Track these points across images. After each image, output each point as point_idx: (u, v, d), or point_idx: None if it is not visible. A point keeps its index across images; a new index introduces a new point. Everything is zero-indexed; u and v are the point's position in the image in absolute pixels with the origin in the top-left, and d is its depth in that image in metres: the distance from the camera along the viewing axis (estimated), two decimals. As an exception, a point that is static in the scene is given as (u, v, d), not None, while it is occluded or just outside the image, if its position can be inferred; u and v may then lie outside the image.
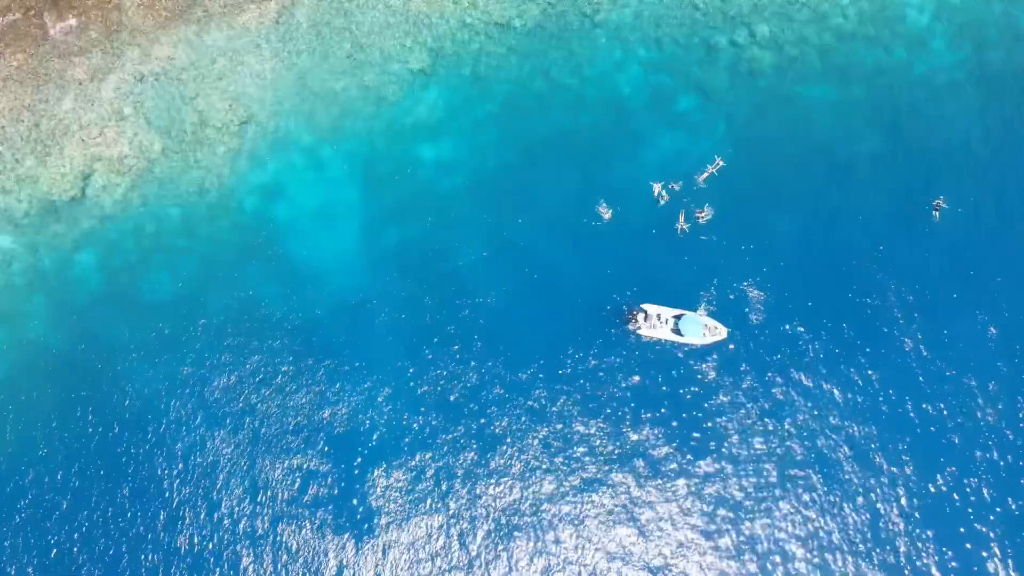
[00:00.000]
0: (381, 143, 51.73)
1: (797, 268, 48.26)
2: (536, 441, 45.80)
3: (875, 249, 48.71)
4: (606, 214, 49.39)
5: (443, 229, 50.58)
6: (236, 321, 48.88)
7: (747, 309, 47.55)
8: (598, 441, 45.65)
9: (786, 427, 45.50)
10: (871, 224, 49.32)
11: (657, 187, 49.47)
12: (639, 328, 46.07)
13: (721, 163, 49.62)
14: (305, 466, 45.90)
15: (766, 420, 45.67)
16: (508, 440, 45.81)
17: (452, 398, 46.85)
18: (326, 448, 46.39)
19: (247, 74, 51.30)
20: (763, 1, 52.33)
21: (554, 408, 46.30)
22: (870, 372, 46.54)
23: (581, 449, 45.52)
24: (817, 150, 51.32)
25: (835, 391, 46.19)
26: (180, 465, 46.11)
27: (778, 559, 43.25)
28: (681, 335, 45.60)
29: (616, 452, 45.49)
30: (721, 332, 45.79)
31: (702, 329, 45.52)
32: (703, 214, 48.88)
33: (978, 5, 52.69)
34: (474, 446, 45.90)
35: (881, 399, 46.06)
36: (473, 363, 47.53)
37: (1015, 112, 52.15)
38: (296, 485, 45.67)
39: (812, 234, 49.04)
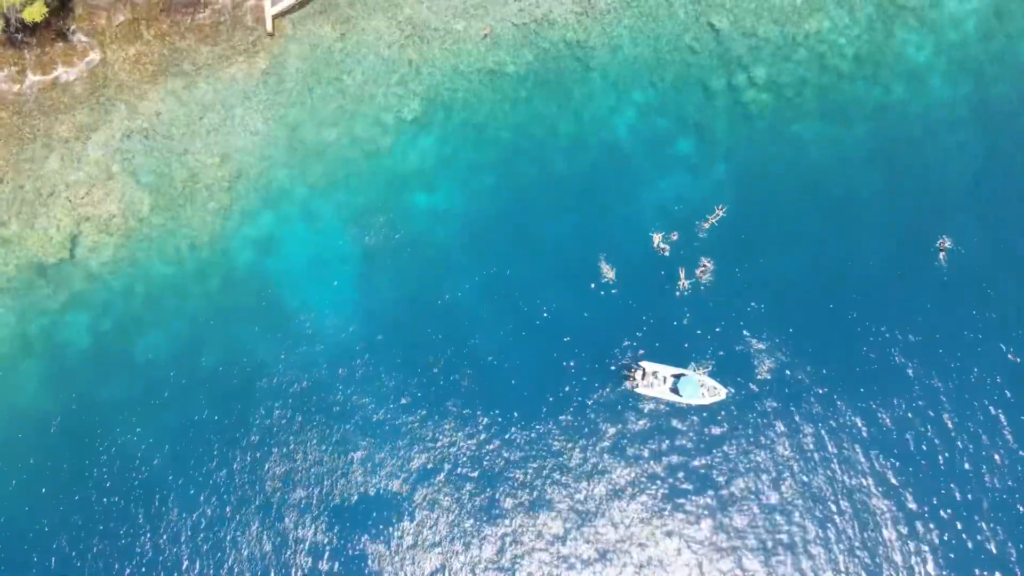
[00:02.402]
0: (375, 194, 50.83)
1: (801, 323, 47.36)
2: (532, 502, 45.05)
3: (880, 297, 47.90)
4: (606, 269, 48.52)
5: (439, 281, 49.68)
6: (232, 380, 47.90)
7: (748, 369, 46.70)
8: (593, 502, 44.99)
9: (784, 493, 45.06)
10: (875, 270, 48.49)
11: (657, 238, 48.58)
12: (636, 386, 45.32)
13: (722, 213, 48.77)
14: (303, 532, 45.06)
15: (763, 484, 45.22)
16: (507, 507, 45.10)
17: (450, 460, 46.04)
18: (324, 511, 45.51)
19: (237, 128, 50.31)
20: (760, 43, 51.49)
21: (549, 466, 45.59)
22: (877, 430, 45.82)
23: (573, 506, 44.82)
24: (818, 192, 50.50)
25: (838, 457, 45.58)
26: (175, 525, 45.21)
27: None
28: (679, 395, 44.90)
29: (610, 514, 44.92)
30: (720, 393, 45.07)
31: (700, 390, 44.79)
32: (703, 271, 48.03)
33: (978, 41, 51.93)
34: (473, 513, 45.13)
35: (889, 459, 45.40)
36: (471, 424, 46.66)
37: (1018, 147, 51.49)
38: (295, 550, 44.86)
39: (816, 285, 48.14)
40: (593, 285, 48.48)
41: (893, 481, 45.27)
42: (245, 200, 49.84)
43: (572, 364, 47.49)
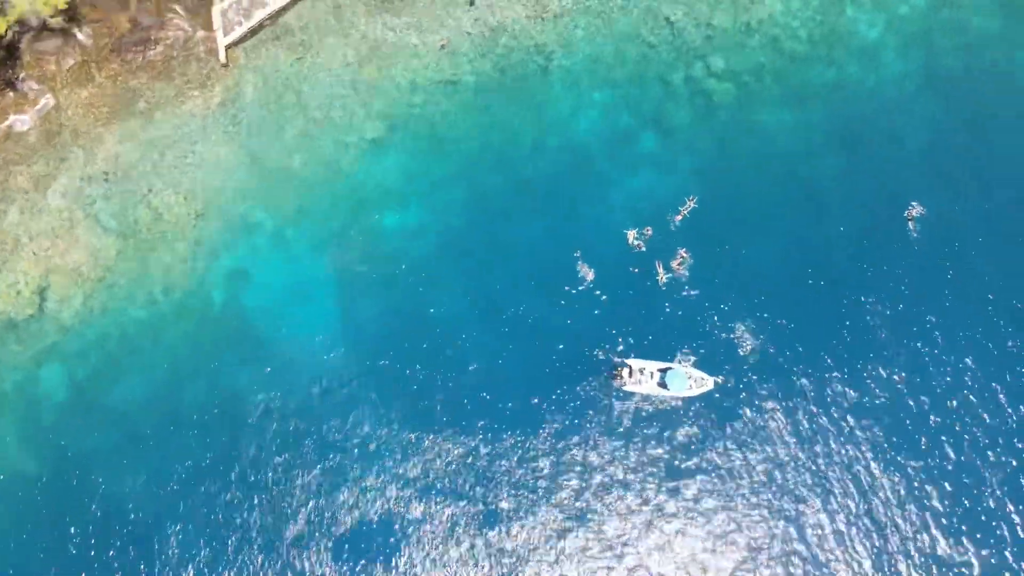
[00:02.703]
0: (345, 216, 50.35)
1: (779, 304, 47.72)
2: (529, 509, 44.98)
3: (856, 270, 48.43)
4: (584, 270, 48.52)
5: (417, 296, 49.35)
6: (216, 417, 47.22)
7: (732, 355, 47.00)
8: (592, 505, 45.01)
9: (778, 477, 45.46)
10: (849, 244, 48.97)
11: (631, 235, 48.68)
12: (624, 384, 45.41)
13: (693, 204, 49.01)
14: (306, 565, 44.49)
15: (757, 469, 45.57)
16: (505, 517, 44.92)
17: (446, 476, 45.79)
18: (323, 542, 44.99)
19: (199, 163, 49.61)
20: (715, 33, 51.82)
21: (543, 472, 45.54)
22: (865, 400, 46.28)
23: (574, 508, 44.86)
24: (785, 175, 50.83)
25: (827, 434, 46.03)
26: (172, 571, 44.50)
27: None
28: (668, 390, 45.08)
29: (611, 515, 45.03)
30: (707, 383, 45.35)
31: (688, 382, 45.03)
32: (680, 262, 48.21)
33: (927, 13, 52.65)
34: (469, 528, 44.91)
35: (875, 430, 45.89)
36: (461, 436, 46.40)
37: (973, 113, 52.08)
38: (298, 586, 44.34)
39: (791, 264, 48.53)
40: (573, 288, 48.46)
41: (881, 447, 45.63)
42: (214, 235, 49.13)
43: (559, 368, 47.36)
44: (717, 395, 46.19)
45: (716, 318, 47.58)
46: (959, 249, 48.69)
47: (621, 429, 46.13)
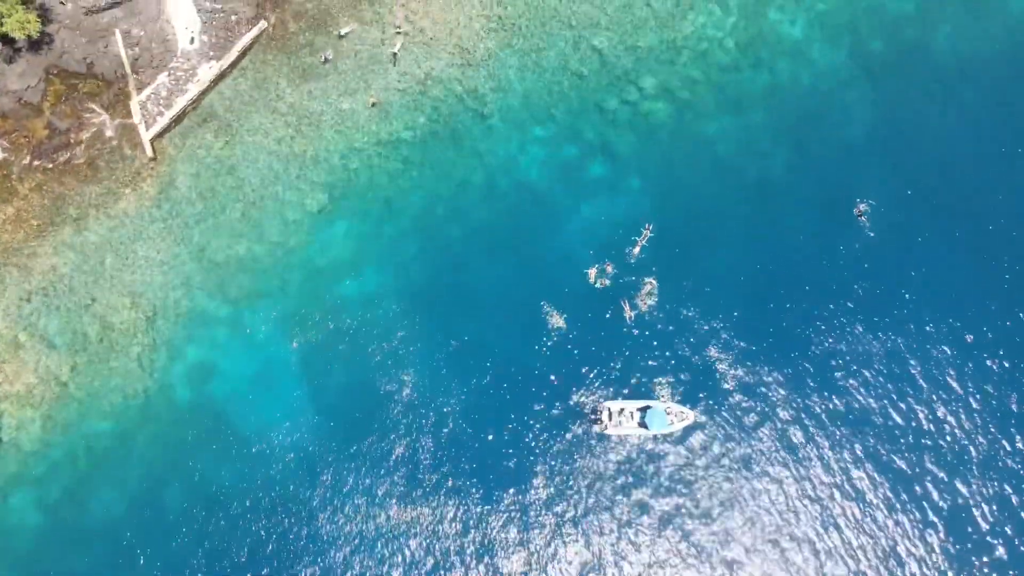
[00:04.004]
0: (301, 293, 49.11)
1: (745, 323, 47.90)
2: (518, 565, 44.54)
3: (815, 278, 48.79)
4: (549, 315, 48.00)
5: (386, 362, 48.38)
6: (197, 515, 45.91)
7: (708, 383, 47.09)
8: (582, 556, 44.73)
9: (767, 500, 45.88)
10: (805, 252, 49.31)
11: (593, 273, 48.32)
12: (606, 428, 45.13)
13: (649, 232, 48.81)
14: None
15: (746, 496, 45.86)
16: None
17: (435, 543, 45.21)
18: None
19: (141, 264, 47.89)
20: (643, 55, 51.64)
21: (532, 528, 45.20)
22: (841, 411, 46.78)
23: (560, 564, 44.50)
24: (733, 185, 50.94)
25: (809, 448, 46.50)
26: None
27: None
28: (648, 429, 44.88)
29: (602, 560, 44.76)
30: (688, 416, 45.30)
31: (668, 419, 44.90)
32: (644, 295, 48.00)
33: (844, 4, 53.14)
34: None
35: (855, 441, 46.55)
36: (447, 501, 45.87)
37: (906, 93, 52.83)
38: None
39: (751, 279, 48.68)
40: (542, 335, 47.93)
41: (862, 454, 46.29)
42: (169, 335, 47.55)
43: (539, 419, 46.88)
44: (698, 427, 46.25)
45: (687, 348, 47.51)
46: (910, 242, 49.41)
47: (608, 475, 45.90)
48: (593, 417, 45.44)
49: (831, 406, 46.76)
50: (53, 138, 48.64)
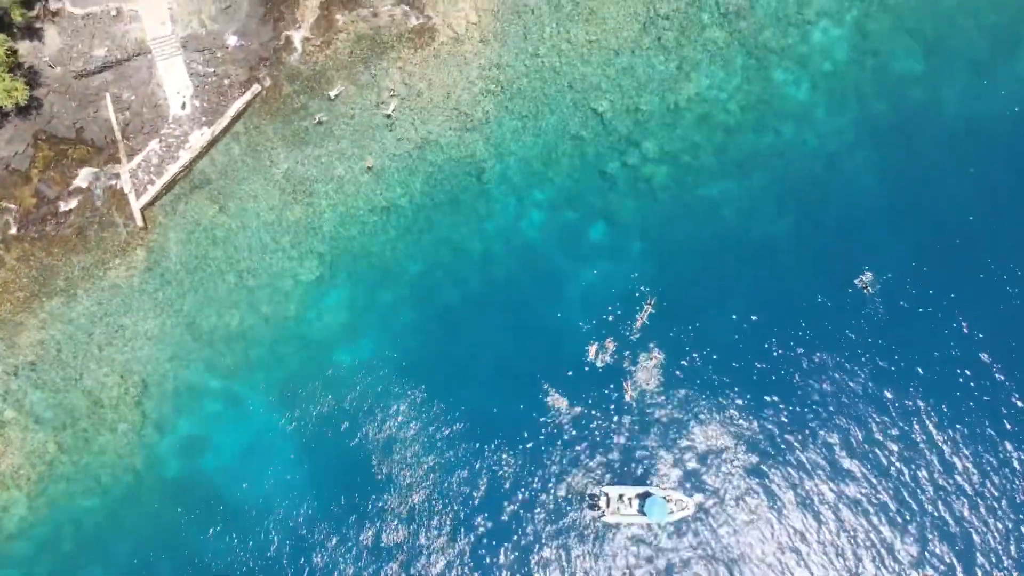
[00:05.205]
0: (295, 363, 48.06)
1: (750, 403, 46.74)
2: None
3: (819, 352, 47.66)
4: (548, 393, 46.93)
5: (380, 437, 47.32)
6: (190, 595, 44.94)
7: (710, 468, 45.90)
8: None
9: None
10: (810, 322, 48.13)
11: (593, 349, 47.22)
12: (604, 515, 43.93)
13: (651, 308, 47.72)
14: None
15: None
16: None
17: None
18: None
19: (131, 336, 46.74)
20: (644, 118, 50.45)
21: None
22: (849, 498, 45.66)
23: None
24: (736, 252, 49.77)
25: (818, 544, 45.30)
26: None
27: None
28: (647, 517, 43.64)
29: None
30: (688, 506, 44.14)
31: (667, 508, 43.68)
32: (646, 375, 46.85)
33: (850, 66, 51.92)
34: None
35: (868, 532, 45.32)
36: (454, 586, 44.78)
37: (913, 156, 51.70)
38: None
39: (756, 357, 47.51)
40: (543, 414, 46.81)
41: (875, 544, 45.17)
42: (159, 410, 46.39)
43: (536, 503, 45.75)
44: (697, 517, 45.06)
45: (689, 430, 46.40)
46: (913, 313, 48.28)
47: (605, 564, 44.72)
48: (591, 502, 44.25)
49: (840, 495, 45.53)
50: (41, 206, 47.50)
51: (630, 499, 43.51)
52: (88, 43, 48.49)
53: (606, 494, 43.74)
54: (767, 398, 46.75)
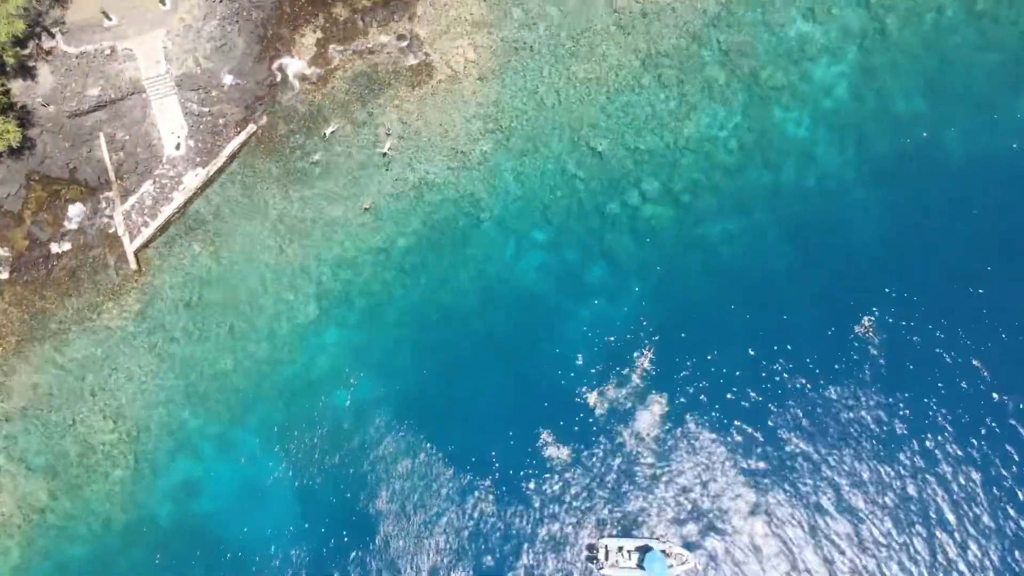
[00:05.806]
0: (291, 407, 47.46)
1: (752, 455, 46.05)
2: None
3: (824, 397, 47.02)
4: (546, 441, 46.36)
5: (377, 481, 46.74)
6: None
7: (713, 522, 45.21)
8: None
9: None
10: (813, 369, 47.41)
11: (592, 397, 46.59)
12: (602, 568, 43.22)
13: (651, 354, 47.17)
14: None
15: None
16: None
17: None
18: None
19: (124, 380, 46.22)
20: (644, 156, 49.97)
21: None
22: (856, 544, 45.03)
23: None
24: (737, 293, 49.11)
25: None
26: None
27: None
28: (646, 571, 42.84)
29: None
30: (688, 561, 43.40)
31: (667, 563, 42.91)
32: (646, 423, 46.17)
33: (851, 103, 51.40)
34: None
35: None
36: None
37: (914, 196, 51.16)
38: None
39: (758, 404, 46.79)
40: (540, 463, 46.14)
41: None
42: (152, 455, 45.85)
43: (532, 553, 45.07)
44: (698, 573, 44.37)
45: (690, 481, 45.70)
46: (920, 358, 47.68)
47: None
48: (589, 554, 43.66)
49: (847, 550, 44.85)
50: (34, 249, 47.01)
51: (629, 552, 42.90)
52: (82, 82, 48.02)
53: (605, 546, 43.14)
54: (771, 448, 46.10)
